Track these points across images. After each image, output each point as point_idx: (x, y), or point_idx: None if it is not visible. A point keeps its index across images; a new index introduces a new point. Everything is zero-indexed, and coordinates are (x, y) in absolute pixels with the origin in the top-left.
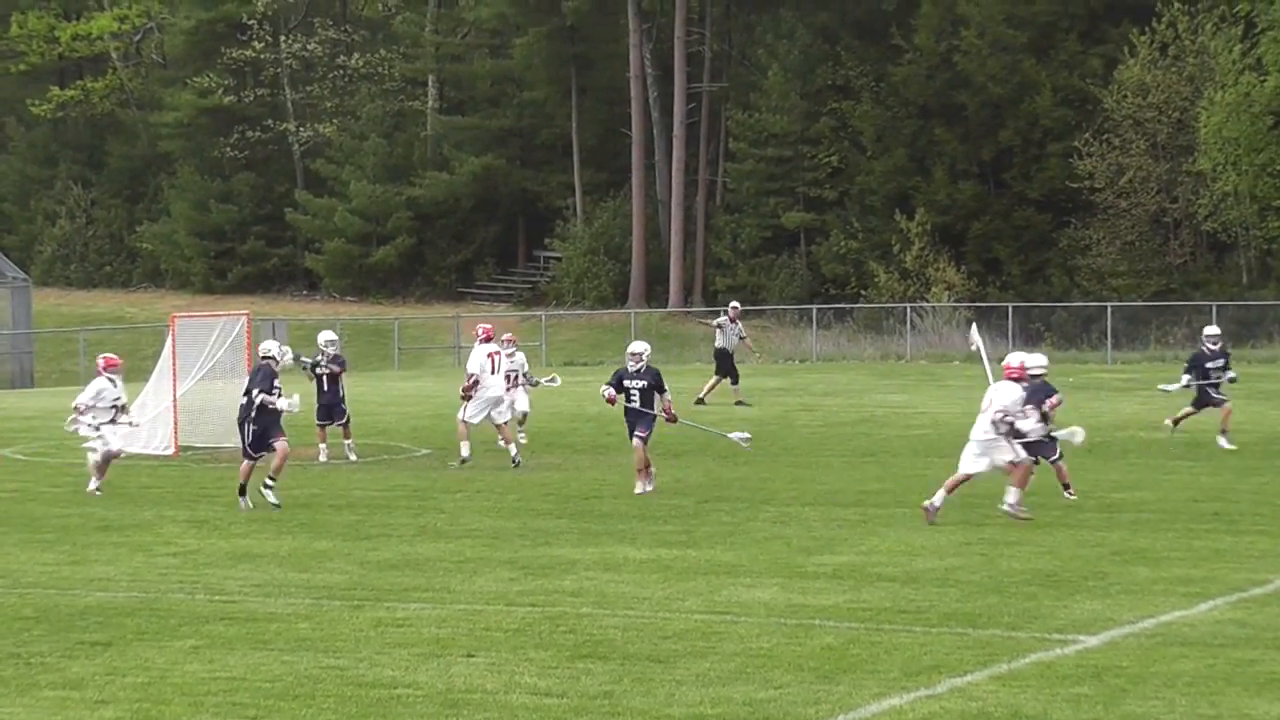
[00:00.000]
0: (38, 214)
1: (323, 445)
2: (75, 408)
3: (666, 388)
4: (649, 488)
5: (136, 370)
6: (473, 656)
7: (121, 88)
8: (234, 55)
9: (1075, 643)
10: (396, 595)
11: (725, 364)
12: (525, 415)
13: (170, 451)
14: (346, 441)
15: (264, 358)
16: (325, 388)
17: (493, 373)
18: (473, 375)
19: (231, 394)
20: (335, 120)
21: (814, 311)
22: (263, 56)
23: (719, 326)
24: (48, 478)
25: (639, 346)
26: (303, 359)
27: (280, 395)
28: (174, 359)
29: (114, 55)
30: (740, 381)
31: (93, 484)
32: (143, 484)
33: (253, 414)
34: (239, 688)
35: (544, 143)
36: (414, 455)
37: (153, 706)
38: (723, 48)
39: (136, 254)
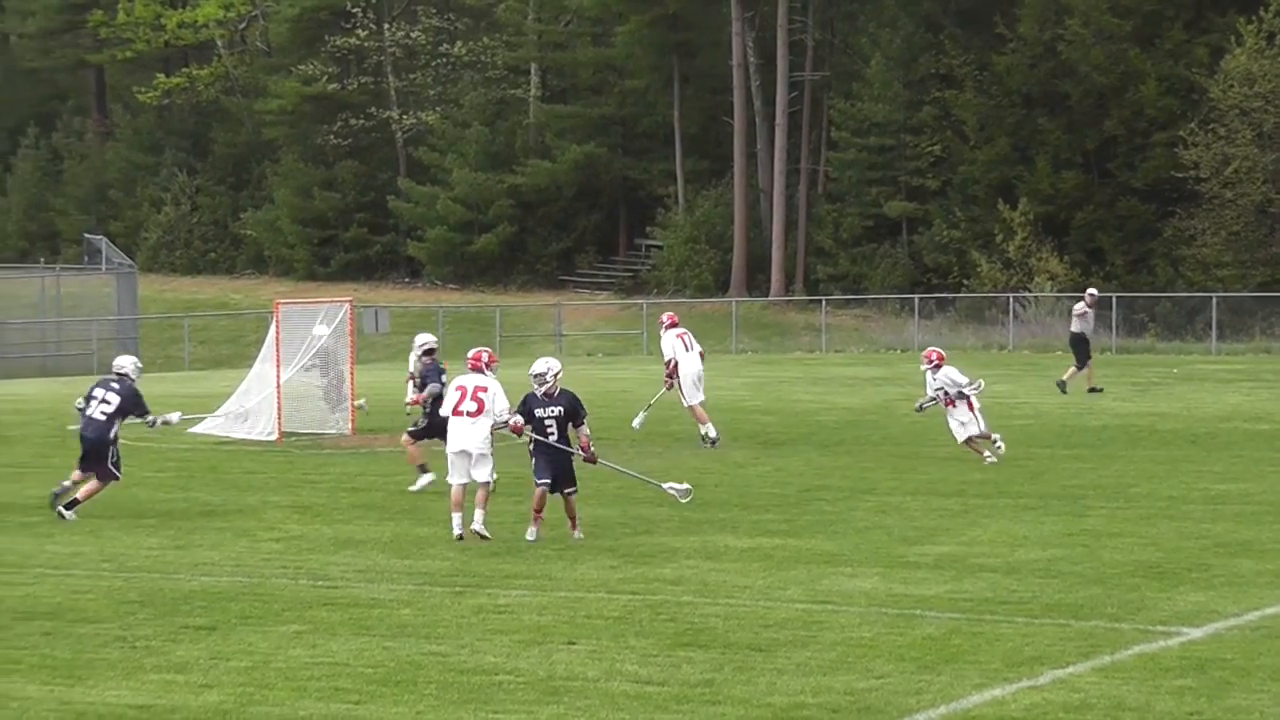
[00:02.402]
0: (143, 201)
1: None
2: None
3: (585, 416)
4: (579, 536)
5: (240, 357)
6: (574, 644)
7: (226, 75)
8: (338, 43)
9: (1178, 635)
10: (498, 582)
11: (1083, 350)
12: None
13: (274, 437)
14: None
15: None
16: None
17: (686, 351)
18: (671, 359)
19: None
20: (438, 108)
21: (915, 301)
22: (366, 44)
23: (1080, 315)
24: (152, 463)
25: (544, 365)
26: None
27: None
28: (277, 345)
29: (219, 43)
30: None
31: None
32: (246, 470)
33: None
34: (341, 673)
35: (645, 131)
36: (515, 442)
37: (256, 691)
38: (825, 36)
39: (240, 240)
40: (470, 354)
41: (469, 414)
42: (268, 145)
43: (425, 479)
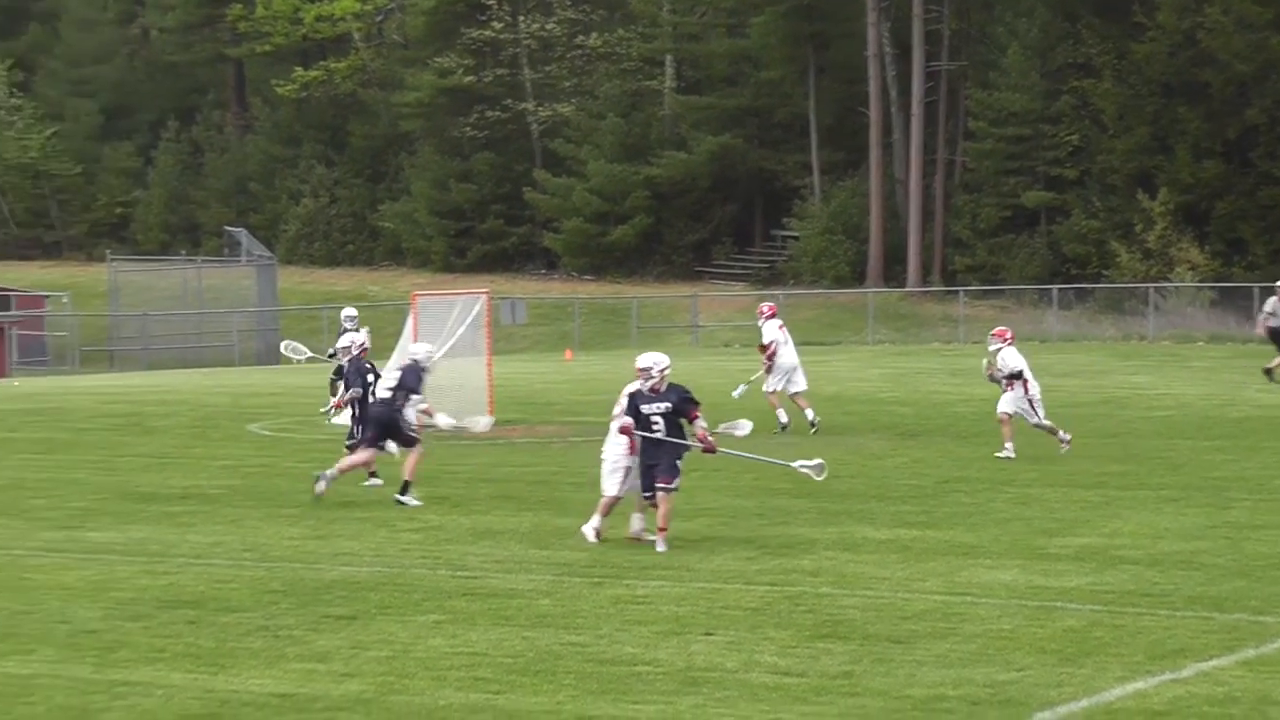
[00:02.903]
0: (282, 193)
1: None
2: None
3: (698, 407)
4: (658, 544)
5: (379, 349)
6: (712, 635)
7: (363, 68)
8: (474, 35)
9: None
10: (636, 573)
11: None
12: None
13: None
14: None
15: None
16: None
17: (785, 343)
18: (773, 342)
19: (471, 371)
20: (573, 100)
21: (1054, 291)
22: (502, 36)
23: (1273, 313)
24: (293, 453)
25: (649, 360)
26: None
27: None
28: (415, 337)
29: (356, 36)
30: None
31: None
32: (385, 460)
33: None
34: (480, 662)
35: (781, 122)
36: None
37: (396, 680)
38: (961, 25)
39: (378, 232)
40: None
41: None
42: (404, 138)
43: (374, 482)
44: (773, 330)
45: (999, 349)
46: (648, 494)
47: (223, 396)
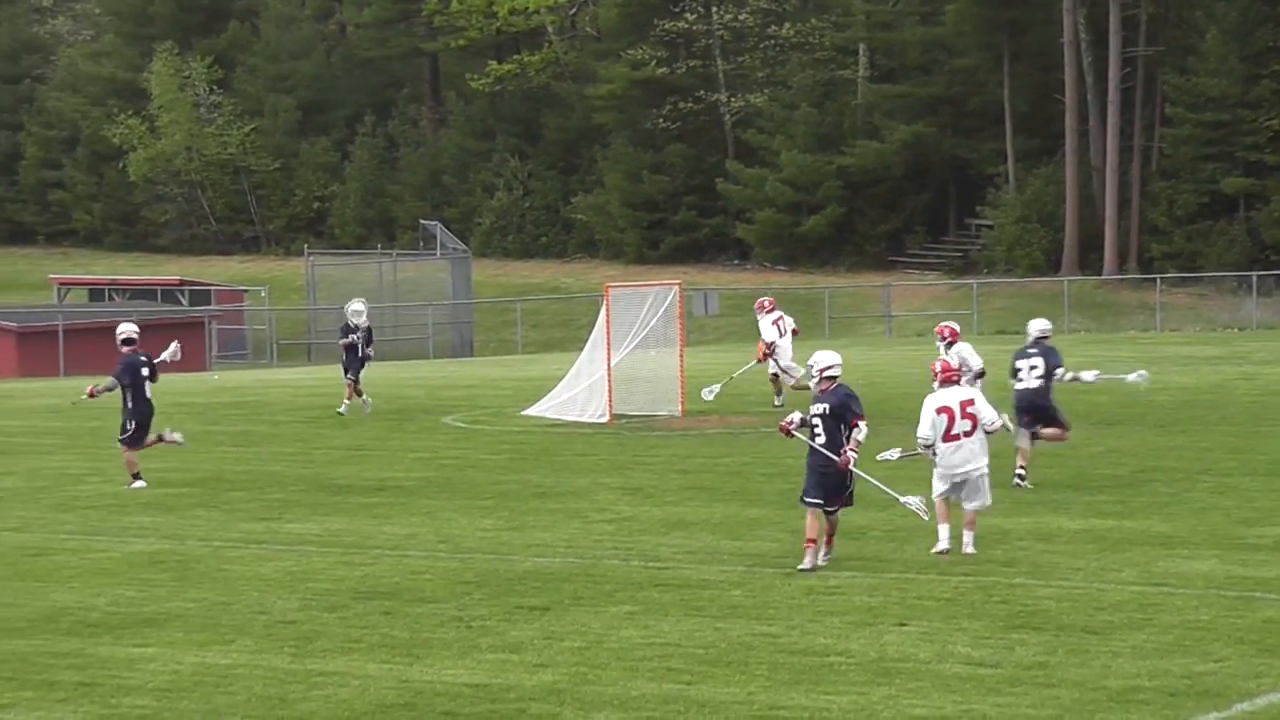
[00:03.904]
0: (476, 186)
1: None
2: None
3: (860, 418)
4: (821, 561)
5: (571, 340)
6: (905, 625)
7: (557, 61)
8: (666, 27)
9: None
10: (829, 564)
11: None
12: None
13: (605, 419)
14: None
15: None
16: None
17: (780, 336)
18: (773, 342)
19: (664, 362)
20: (766, 90)
21: (1254, 278)
22: (695, 28)
23: None
24: (487, 445)
25: (814, 357)
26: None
27: None
28: (608, 328)
29: (550, 29)
30: None
31: None
32: (578, 452)
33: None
34: (673, 653)
35: (975, 109)
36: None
37: (589, 670)
38: (1158, 10)
39: (571, 225)
40: (937, 366)
41: (965, 434)
42: (597, 130)
43: (138, 484)
44: (769, 327)
45: (948, 345)
46: (812, 500)
47: (418, 389)
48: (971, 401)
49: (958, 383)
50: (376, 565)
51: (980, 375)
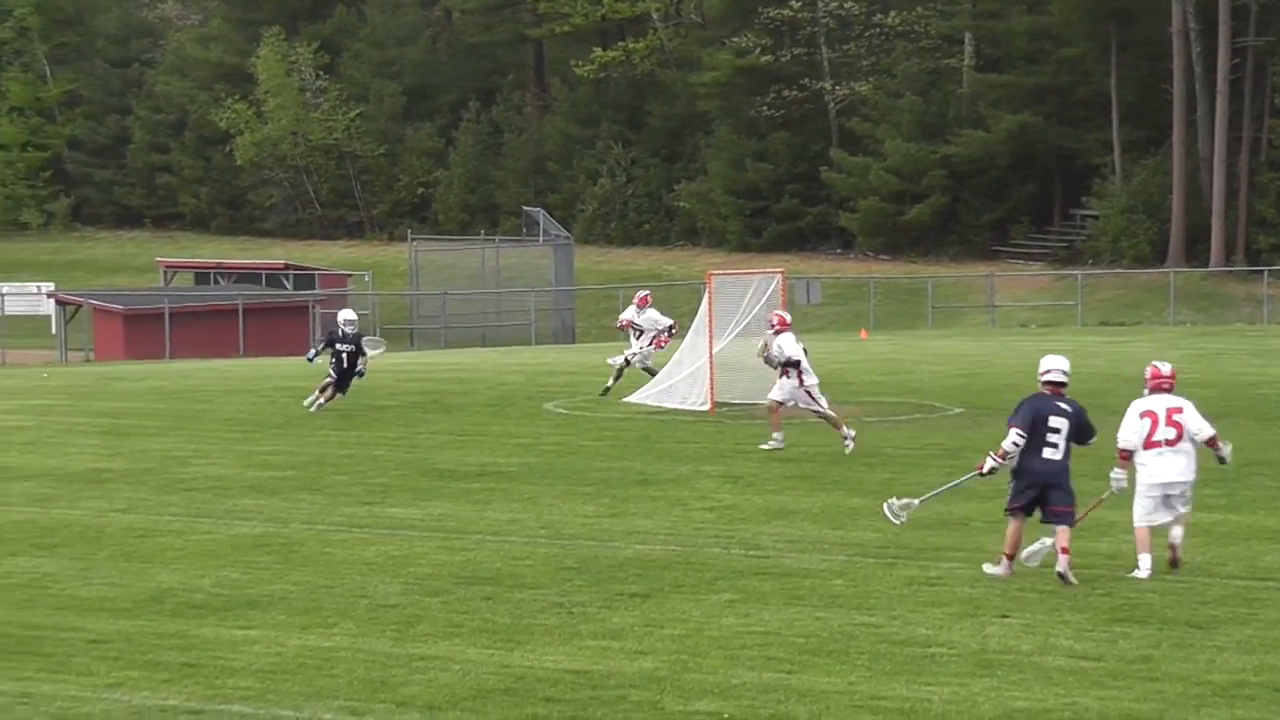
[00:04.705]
0: (580, 173)
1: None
2: None
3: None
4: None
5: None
6: (1006, 617)
7: (661, 48)
8: (771, 15)
9: None
10: (930, 554)
11: None
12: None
13: (706, 407)
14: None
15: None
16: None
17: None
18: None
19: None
20: (871, 78)
21: None
22: (800, 15)
23: None
24: (588, 431)
25: (1058, 362)
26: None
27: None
28: (710, 316)
29: (654, 16)
30: None
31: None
32: (679, 439)
33: None
34: (773, 642)
35: (1081, 99)
36: (947, 414)
37: (690, 658)
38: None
39: (674, 212)
40: (1149, 372)
41: (1168, 442)
42: (701, 117)
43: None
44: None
45: (776, 334)
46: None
47: (519, 375)
48: (1180, 410)
49: (1170, 390)
50: (478, 550)
51: (794, 364)
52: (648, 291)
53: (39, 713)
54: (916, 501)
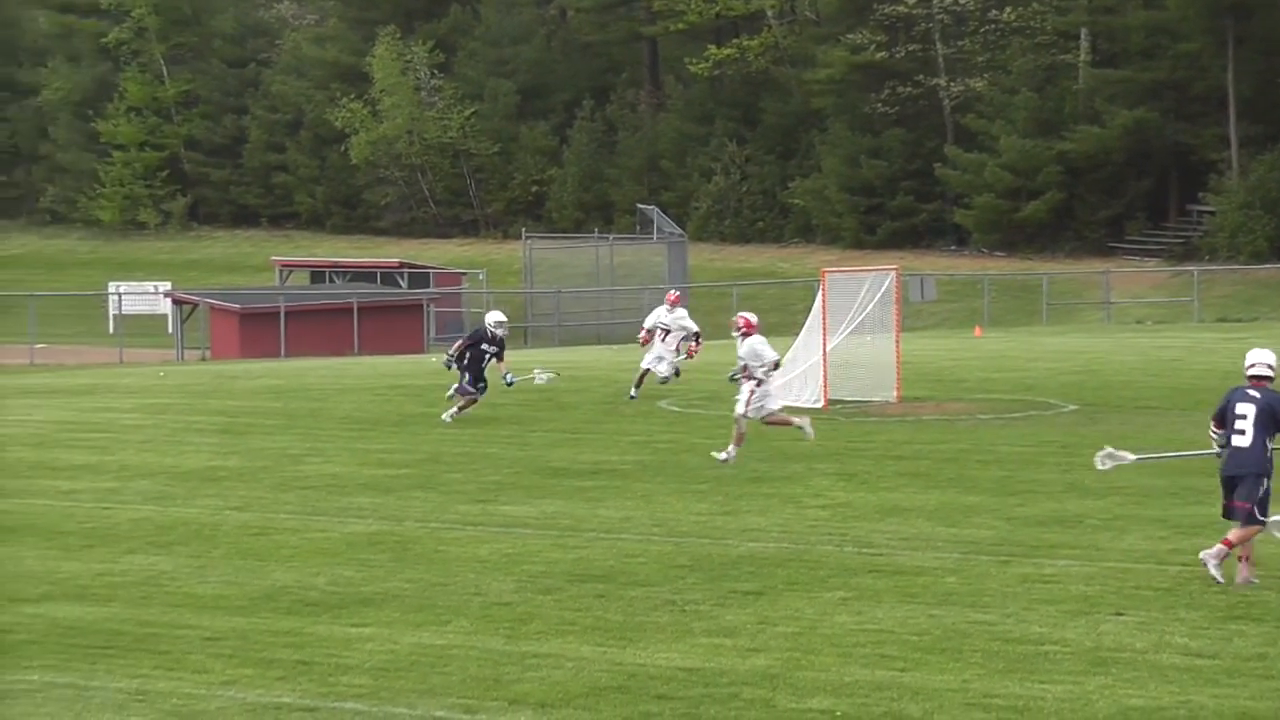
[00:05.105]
0: (694, 171)
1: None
2: None
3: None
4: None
5: (787, 325)
6: (1121, 615)
7: (776, 45)
8: (887, 11)
9: None
10: (1044, 551)
11: None
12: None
13: (820, 405)
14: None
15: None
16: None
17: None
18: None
19: (880, 348)
20: (986, 75)
21: None
22: (915, 12)
23: None
24: (702, 429)
25: (1262, 355)
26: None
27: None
28: (824, 314)
29: (769, 13)
30: None
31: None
32: (793, 436)
33: None
34: (886, 640)
35: (1198, 94)
36: (1062, 411)
37: (802, 656)
38: None
39: (788, 210)
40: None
41: None
42: (816, 114)
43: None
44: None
45: (744, 337)
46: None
47: (633, 373)
48: None
49: None
50: (591, 548)
51: (775, 366)
52: (678, 292)
53: (154, 709)
54: (1132, 457)
